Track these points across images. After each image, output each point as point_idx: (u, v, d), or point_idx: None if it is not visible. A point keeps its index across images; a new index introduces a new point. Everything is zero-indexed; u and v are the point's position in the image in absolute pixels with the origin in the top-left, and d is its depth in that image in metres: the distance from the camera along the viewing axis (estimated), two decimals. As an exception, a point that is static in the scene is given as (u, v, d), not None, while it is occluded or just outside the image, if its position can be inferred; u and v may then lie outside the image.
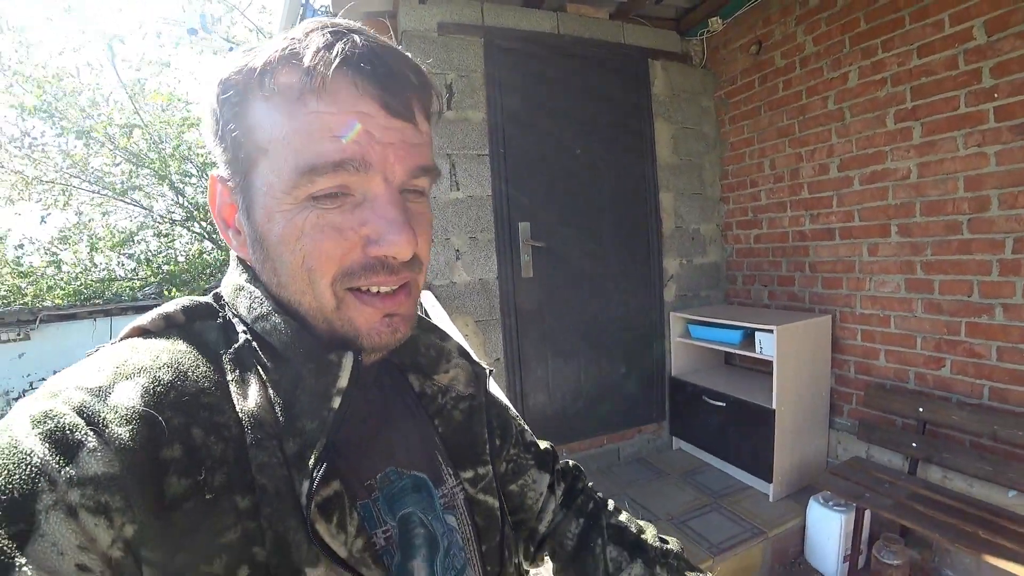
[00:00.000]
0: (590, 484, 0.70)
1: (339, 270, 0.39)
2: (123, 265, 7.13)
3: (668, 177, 2.70)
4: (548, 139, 2.40)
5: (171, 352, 0.38)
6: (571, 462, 0.71)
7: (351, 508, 0.40)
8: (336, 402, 0.39)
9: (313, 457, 0.36)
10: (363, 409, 0.48)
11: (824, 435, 2.37)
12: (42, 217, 6.76)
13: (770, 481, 2.18)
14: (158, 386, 0.35)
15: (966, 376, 1.87)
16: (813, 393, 2.29)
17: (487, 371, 0.57)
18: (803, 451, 2.26)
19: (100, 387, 0.34)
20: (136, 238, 7.01)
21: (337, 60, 0.37)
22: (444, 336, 0.56)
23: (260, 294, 0.43)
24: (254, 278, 0.44)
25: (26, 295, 6.31)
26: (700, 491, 2.33)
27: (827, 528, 1.93)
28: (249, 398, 0.38)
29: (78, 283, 6.54)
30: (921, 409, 1.93)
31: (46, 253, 6.69)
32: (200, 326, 0.43)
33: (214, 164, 0.44)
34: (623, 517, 0.66)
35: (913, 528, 1.70)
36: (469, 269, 2.26)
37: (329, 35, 0.37)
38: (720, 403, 2.40)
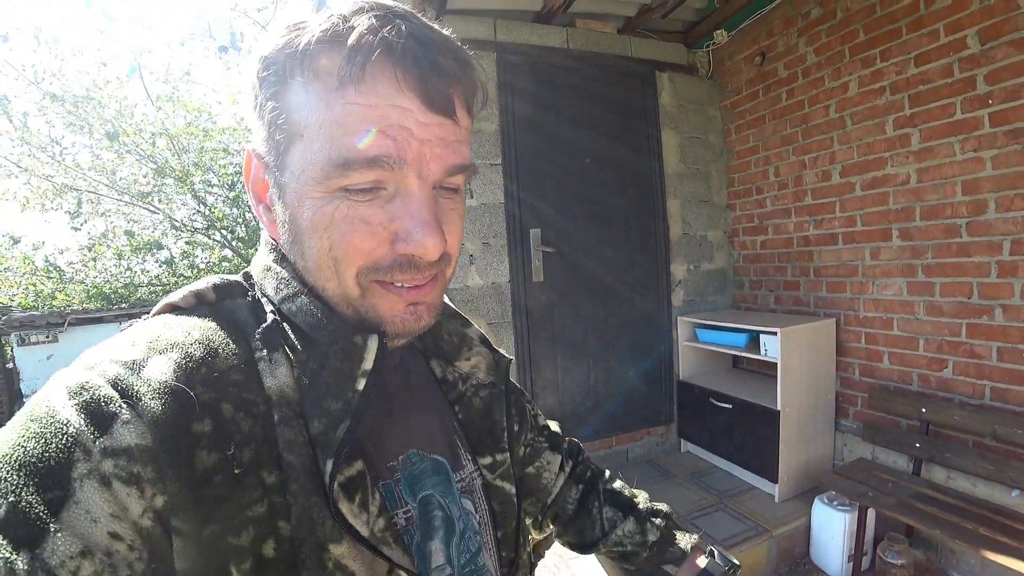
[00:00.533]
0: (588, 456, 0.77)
1: (366, 264, 0.39)
2: (146, 272, 7.37)
3: (675, 185, 2.76)
4: (558, 149, 2.48)
5: (202, 329, 0.39)
6: (571, 438, 0.77)
7: (373, 488, 0.40)
8: (361, 384, 0.39)
9: (337, 437, 0.37)
10: (387, 392, 0.49)
11: (830, 437, 2.38)
12: (75, 228, 7.03)
13: (775, 482, 2.20)
14: (190, 362, 0.36)
15: (967, 377, 1.90)
16: (818, 395, 2.31)
17: (509, 360, 0.57)
18: (808, 452, 2.29)
19: (134, 361, 0.34)
20: (161, 244, 7.25)
21: (379, 49, 0.35)
22: (466, 323, 0.57)
23: (287, 275, 0.43)
24: (282, 258, 0.44)
25: (55, 298, 6.55)
26: (706, 491, 2.35)
27: (831, 528, 1.95)
28: (277, 377, 0.39)
29: (108, 287, 6.78)
30: (924, 410, 1.95)
31: (76, 260, 6.95)
32: (230, 304, 0.43)
33: (251, 133, 0.43)
34: (618, 484, 0.73)
35: (917, 527, 1.71)
36: (482, 273, 2.34)
37: (375, 19, 0.36)
38: (727, 405, 2.43)
